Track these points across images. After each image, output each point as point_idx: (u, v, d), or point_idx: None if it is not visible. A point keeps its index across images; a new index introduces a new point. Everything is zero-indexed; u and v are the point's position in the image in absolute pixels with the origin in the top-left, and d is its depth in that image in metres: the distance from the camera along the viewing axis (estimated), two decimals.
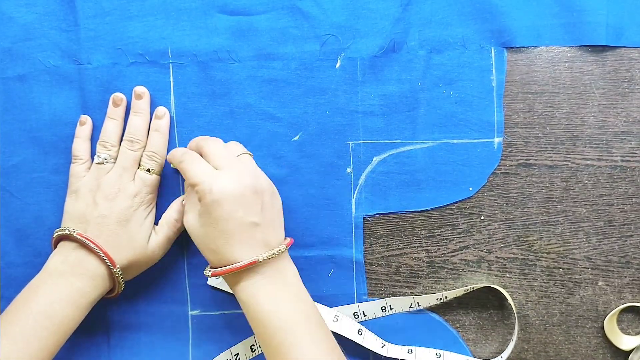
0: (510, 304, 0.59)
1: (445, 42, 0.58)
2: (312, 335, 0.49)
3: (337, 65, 0.58)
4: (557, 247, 0.59)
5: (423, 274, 0.60)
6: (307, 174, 0.59)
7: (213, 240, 0.50)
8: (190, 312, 0.61)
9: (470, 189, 0.59)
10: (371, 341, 0.59)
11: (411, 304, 0.60)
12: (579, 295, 0.60)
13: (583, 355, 0.60)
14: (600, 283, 0.60)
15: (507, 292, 0.59)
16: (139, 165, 0.57)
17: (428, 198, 0.59)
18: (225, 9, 0.58)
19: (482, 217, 0.59)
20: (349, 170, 0.59)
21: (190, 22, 0.58)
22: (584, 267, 0.59)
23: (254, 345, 0.60)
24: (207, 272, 0.52)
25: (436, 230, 0.60)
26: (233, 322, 0.61)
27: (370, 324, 0.60)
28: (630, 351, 0.59)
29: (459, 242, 0.60)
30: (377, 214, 0.60)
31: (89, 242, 0.53)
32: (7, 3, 0.58)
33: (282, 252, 0.52)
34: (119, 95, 0.58)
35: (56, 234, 0.55)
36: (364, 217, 0.60)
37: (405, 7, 0.58)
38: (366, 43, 0.58)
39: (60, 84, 0.59)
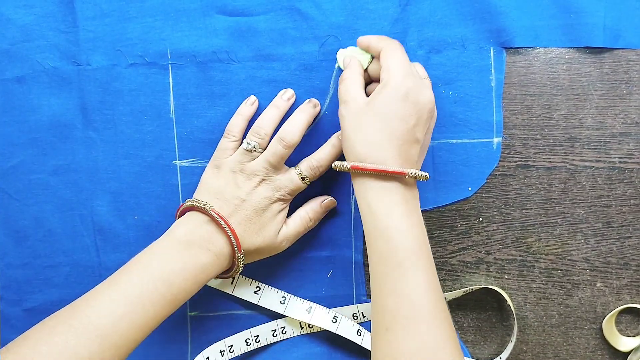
0: (508, 306, 0.59)
1: (444, 42, 0.58)
2: (431, 265, 0.48)
3: (337, 65, 0.58)
4: (555, 249, 0.59)
5: None
6: None
7: (375, 133, 0.49)
8: (189, 313, 0.61)
9: (470, 188, 0.59)
10: (371, 342, 0.59)
11: None
12: (577, 296, 0.60)
13: (582, 357, 0.60)
14: (598, 284, 0.60)
15: (506, 293, 0.59)
16: (297, 166, 0.56)
17: (427, 198, 0.59)
18: (224, 10, 0.58)
19: (481, 219, 0.59)
20: None
21: (189, 23, 0.58)
22: (583, 269, 0.59)
23: (249, 339, 0.60)
24: (346, 165, 0.50)
25: (435, 232, 0.60)
26: (232, 323, 0.61)
27: (370, 325, 0.61)
28: (629, 352, 0.59)
29: (458, 243, 0.60)
30: None
31: (223, 221, 0.52)
32: (5, 4, 0.59)
33: (426, 179, 0.49)
34: (291, 91, 0.58)
35: (189, 202, 0.54)
36: None
37: (404, 7, 0.57)
38: None
39: (59, 86, 0.59)
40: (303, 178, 0.55)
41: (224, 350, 0.59)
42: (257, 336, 0.60)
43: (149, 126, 0.59)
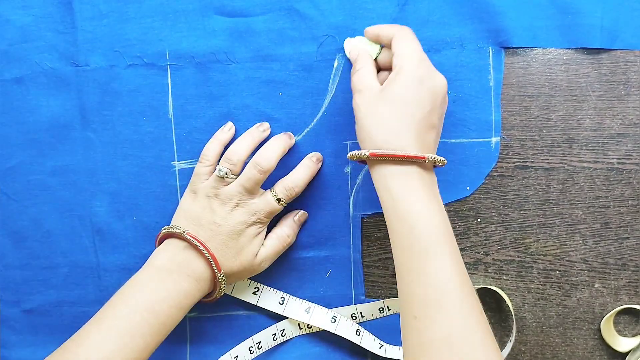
0: (507, 306, 0.59)
1: (442, 41, 0.58)
2: (455, 250, 0.47)
3: (335, 65, 0.58)
4: (553, 249, 0.59)
5: None
6: None
7: (392, 119, 0.48)
8: (188, 314, 0.61)
9: (468, 188, 0.59)
10: (369, 342, 0.59)
11: None
12: (575, 297, 0.60)
13: (580, 357, 0.60)
14: (596, 285, 0.60)
15: (504, 294, 0.59)
16: (272, 189, 0.56)
17: None
18: (223, 11, 0.58)
19: (479, 220, 0.59)
20: (346, 170, 0.59)
21: (187, 24, 0.58)
22: (581, 269, 0.60)
23: (252, 347, 0.60)
24: (364, 153, 0.49)
25: None
26: (230, 323, 0.61)
27: (368, 325, 0.61)
28: (627, 353, 0.59)
29: None
30: (374, 213, 0.60)
31: (200, 244, 0.53)
32: (4, 5, 0.59)
33: (444, 164, 0.49)
34: (266, 124, 0.58)
35: (166, 230, 0.55)
36: (362, 217, 0.60)
37: (402, 7, 0.57)
38: None
39: (57, 86, 0.59)
40: (279, 200, 0.55)
41: None
42: (259, 342, 0.60)
43: (148, 127, 0.59)
